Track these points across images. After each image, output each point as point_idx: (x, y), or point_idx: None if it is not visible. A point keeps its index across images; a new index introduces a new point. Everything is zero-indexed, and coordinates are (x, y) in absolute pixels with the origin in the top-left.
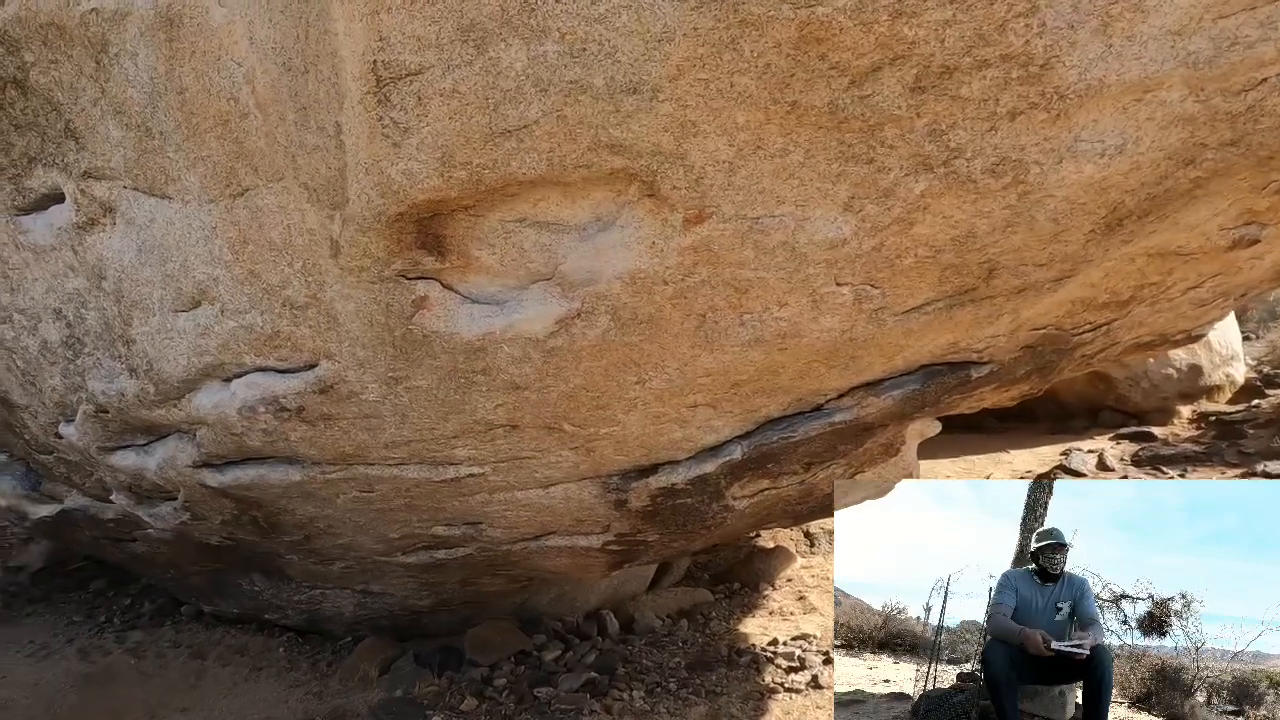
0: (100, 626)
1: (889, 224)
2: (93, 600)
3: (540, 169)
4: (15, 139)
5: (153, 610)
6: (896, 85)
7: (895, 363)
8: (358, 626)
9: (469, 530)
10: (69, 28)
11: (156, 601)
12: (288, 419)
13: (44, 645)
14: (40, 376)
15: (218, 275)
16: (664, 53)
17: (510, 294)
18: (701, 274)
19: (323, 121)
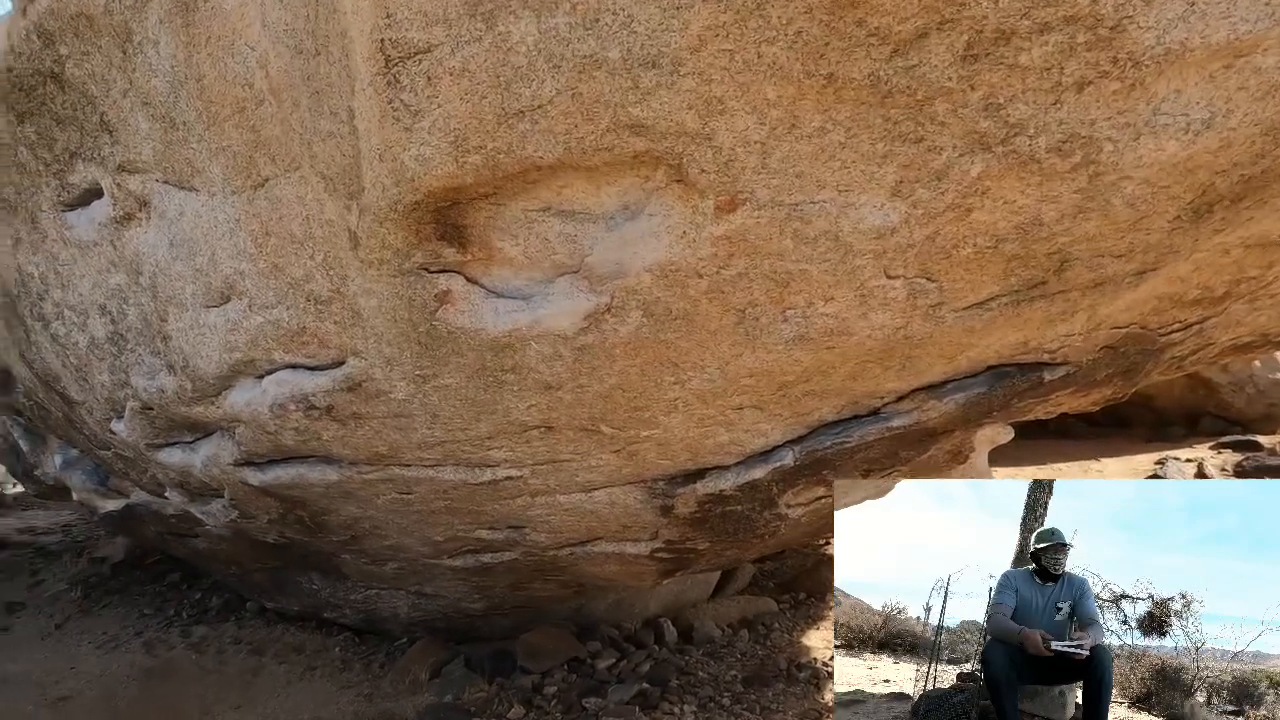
0: (169, 620)
1: (943, 210)
2: (165, 593)
3: (557, 152)
4: (57, 134)
5: (219, 605)
6: (946, 53)
7: (958, 364)
8: (413, 628)
9: (512, 534)
10: (96, 17)
11: (224, 597)
12: (318, 417)
13: (114, 637)
14: (90, 372)
15: (243, 269)
16: (683, 21)
17: (536, 288)
18: (738, 266)
19: (335, 106)
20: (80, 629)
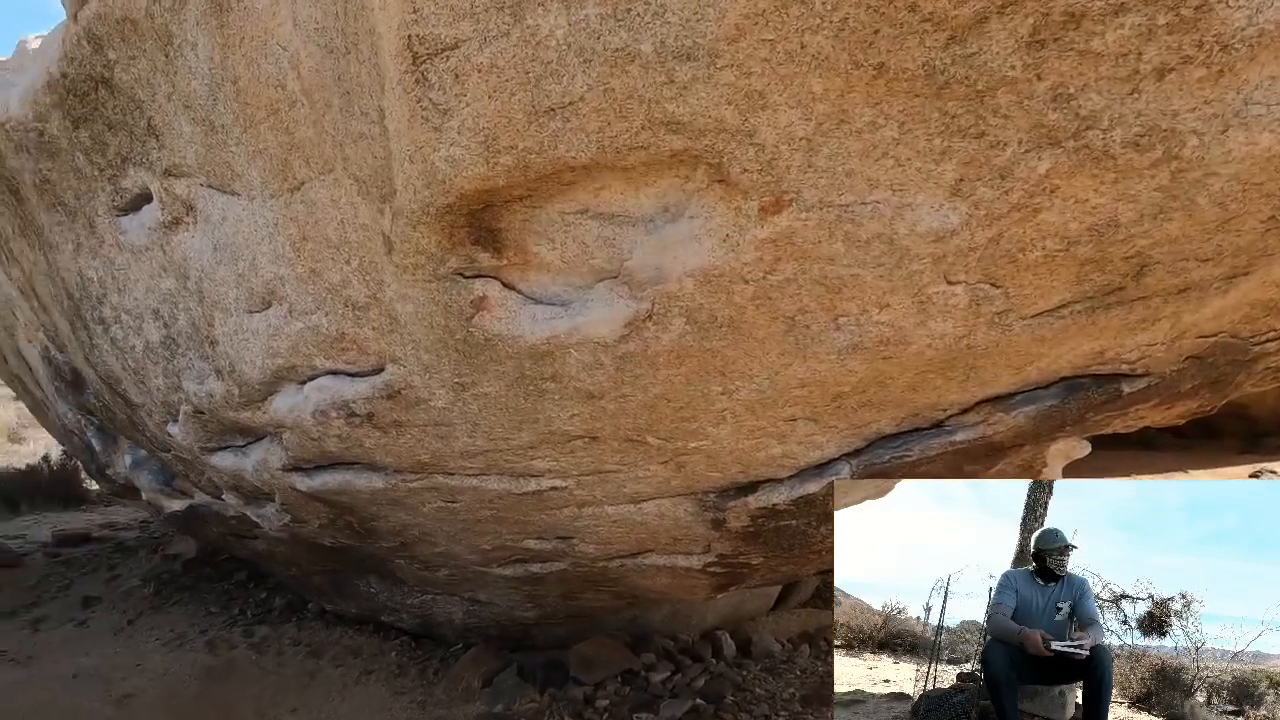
0: (233, 619)
1: (1007, 211)
2: (233, 592)
3: (591, 152)
4: (109, 139)
5: (283, 605)
6: (1008, 40)
7: (1027, 374)
8: (468, 634)
9: (560, 545)
10: (139, 20)
11: (287, 597)
12: (359, 424)
13: (180, 635)
14: (147, 375)
15: (283, 274)
16: (719, 10)
17: (575, 294)
18: (785, 271)
19: (366, 107)
20: (150, 625)
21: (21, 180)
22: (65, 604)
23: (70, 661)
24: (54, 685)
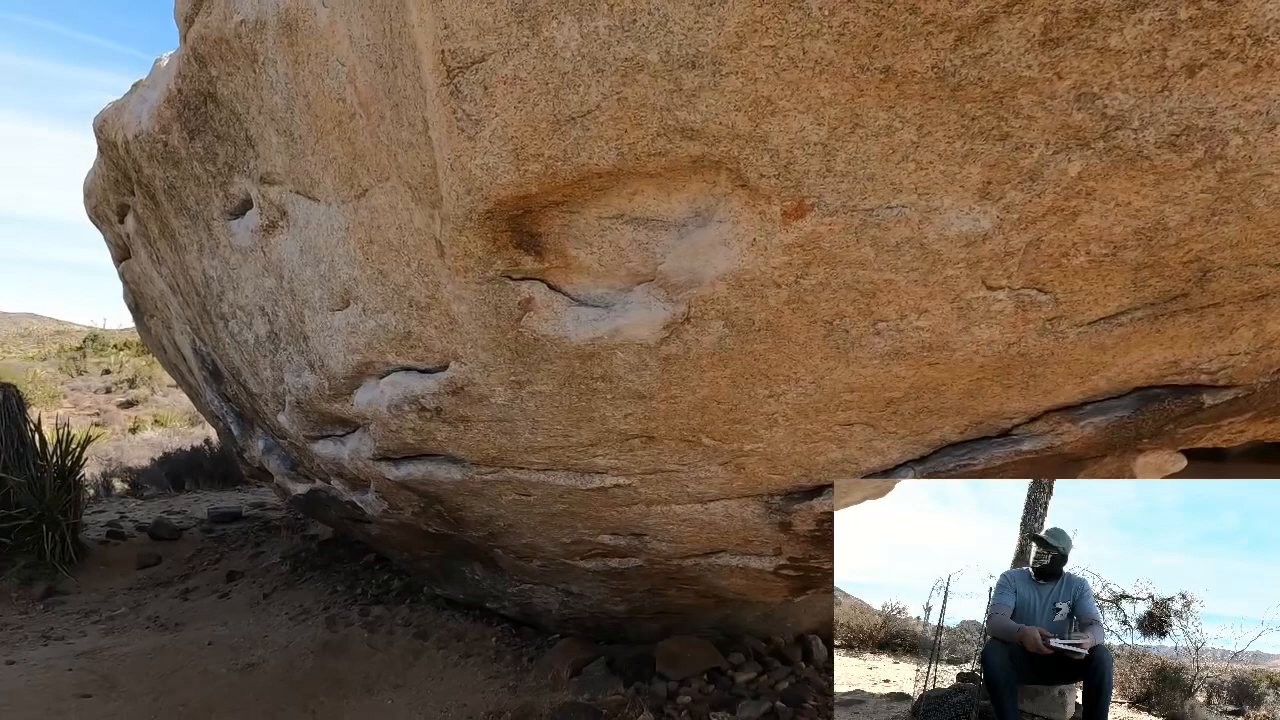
0: (354, 598)
1: (1042, 214)
2: (359, 572)
3: (612, 159)
4: (218, 149)
5: (399, 588)
6: (1020, 39)
7: (1094, 383)
8: (565, 624)
9: (634, 541)
10: (231, 40)
11: (405, 580)
12: (429, 418)
13: (305, 610)
14: (259, 367)
15: (356, 275)
16: (718, 18)
17: (615, 296)
18: (817, 275)
19: (413, 118)
20: (282, 600)
21: (156, 187)
22: (213, 576)
23: (209, 630)
24: (191, 651)
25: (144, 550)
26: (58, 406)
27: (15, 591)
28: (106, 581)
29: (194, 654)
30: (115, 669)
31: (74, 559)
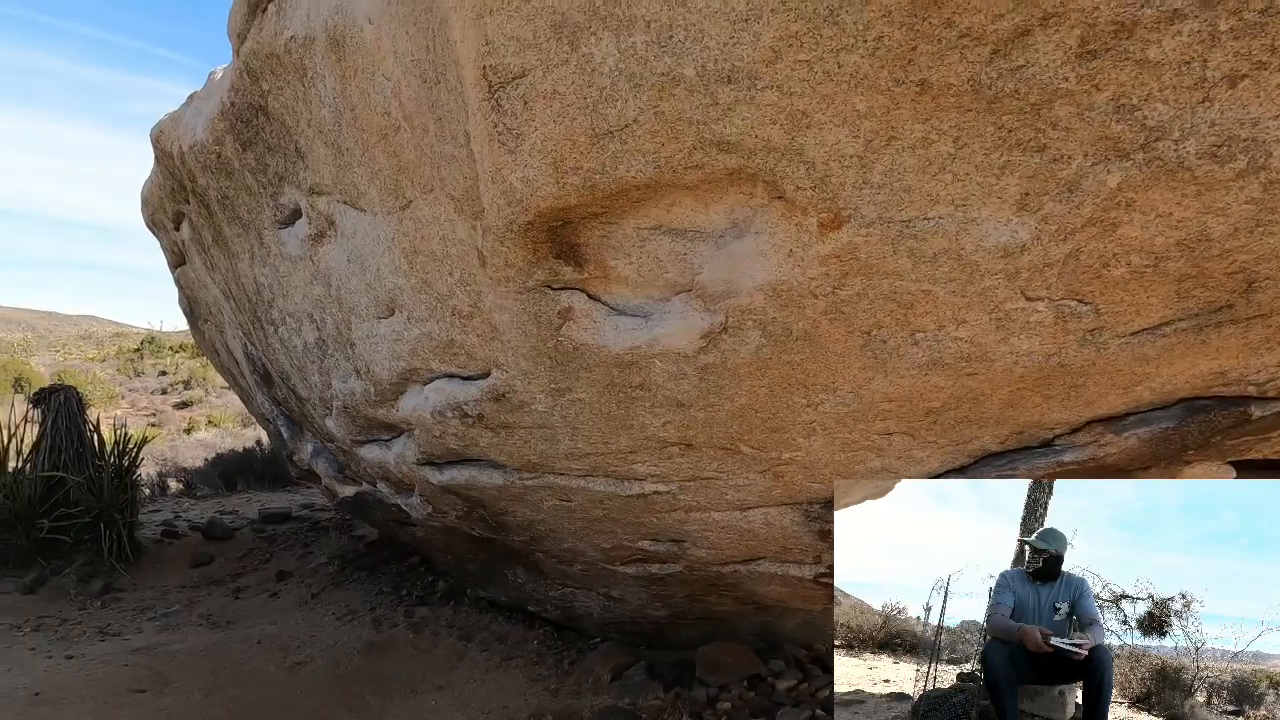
0: (400, 599)
1: (1081, 225)
2: (405, 574)
3: (649, 172)
4: (269, 160)
5: (444, 590)
6: (1056, 51)
7: (1138, 394)
8: (607, 628)
9: (673, 548)
10: (281, 56)
11: (449, 582)
12: (472, 425)
13: (352, 611)
14: (308, 373)
15: (400, 285)
16: (753, 33)
17: (654, 306)
18: (854, 286)
19: (455, 131)
20: (330, 600)
21: (209, 197)
22: (263, 576)
23: (258, 628)
24: (241, 649)
25: (197, 549)
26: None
27: (74, 588)
28: (161, 579)
29: (244, 652)
30: (168, 665)
31: (130, 557)
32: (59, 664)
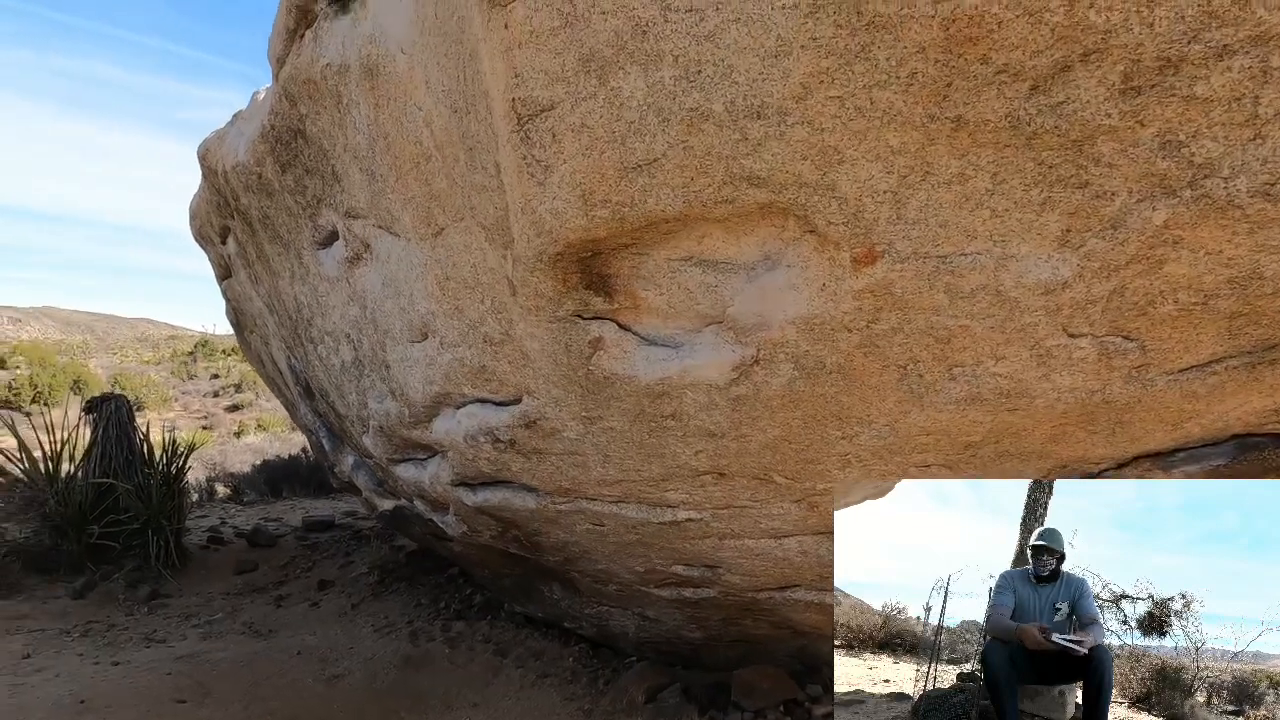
0: (438, 612)
1: (1126, 263)
2: (443, 585)
3: (679, 206)
4: (307, 182)
5: (481, 603)
6: (1098, 87)
7: (1187, 430)
8: (642, 647)
9: (707, 573)
10: (318, 82)
11: (487, 595)
12: (504, 450)
13: (391, 624)
14: (345, 391)
15: (433, 310)
16: (783, 69)
17: (685, 337)
18: (889, 321)
19: (485, 161)
20: (369, 611)
21: (252, 215)
22: (305, 584)
23: (298, 639)
24: (281, 659)
25: (242, 556)
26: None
27: (122, 593)
28: (206, 585)
29: (284, 663)
30: (210, 675)
31: (177, 563)
32: (105, 670)
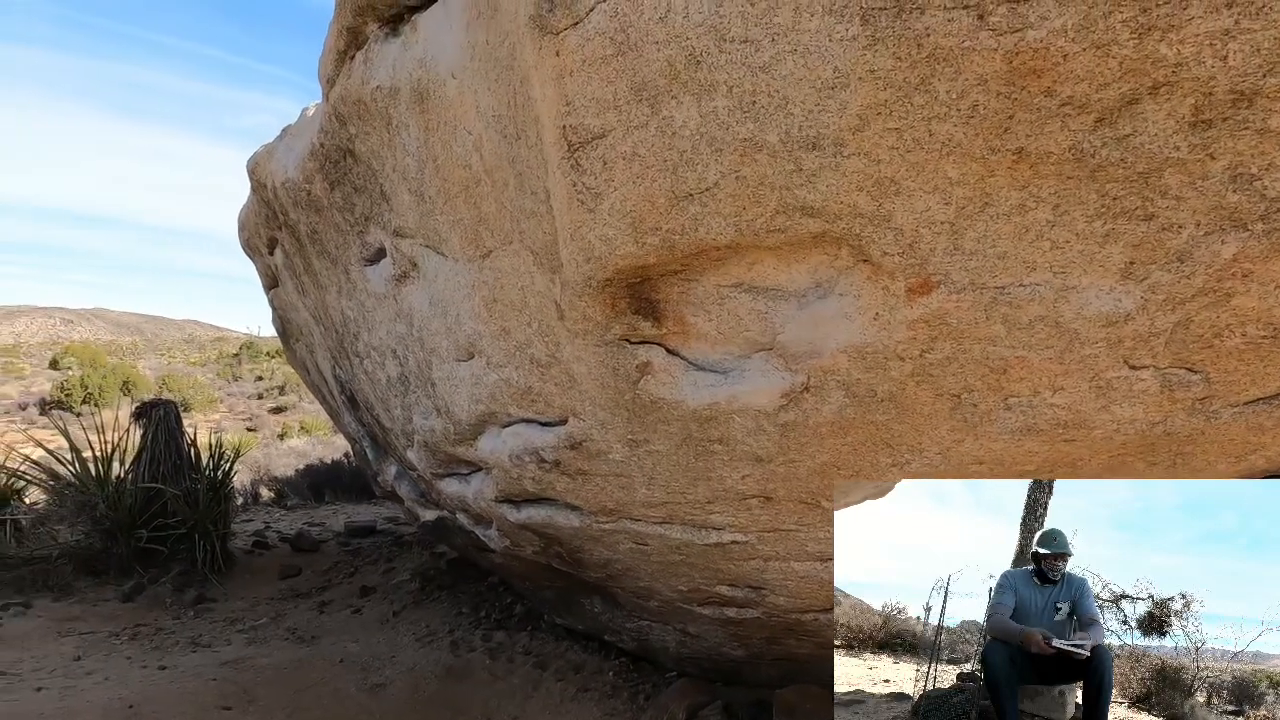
0: (478, 621)
1: (1192, 296)
2: (484, 594)
3: (730, 234)
4: (356, 200)
5: (522, 614)
6: (1167, 120)
7: (1251, 462)
8: (683, 662)
9: (751, 594)
10: (368, 103)
11: (527, 605)
12: (549, 470)
13: (432, 632)
14: (390, 405)
15: (480, 330)
16: (840, 101)
17: (733, 363)
18: (943, 350)
19: (535, 187)
20: (410, 619)
21: (300, 230)
22: (347, 590)
23: (341, 646)
24: (324, 667)
25: (286, 561)
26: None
27: (169, 597)
28: (251, 590)
29: (326, 670)
30: (254, 681)
31: (222, 567)
32: (152, 675)
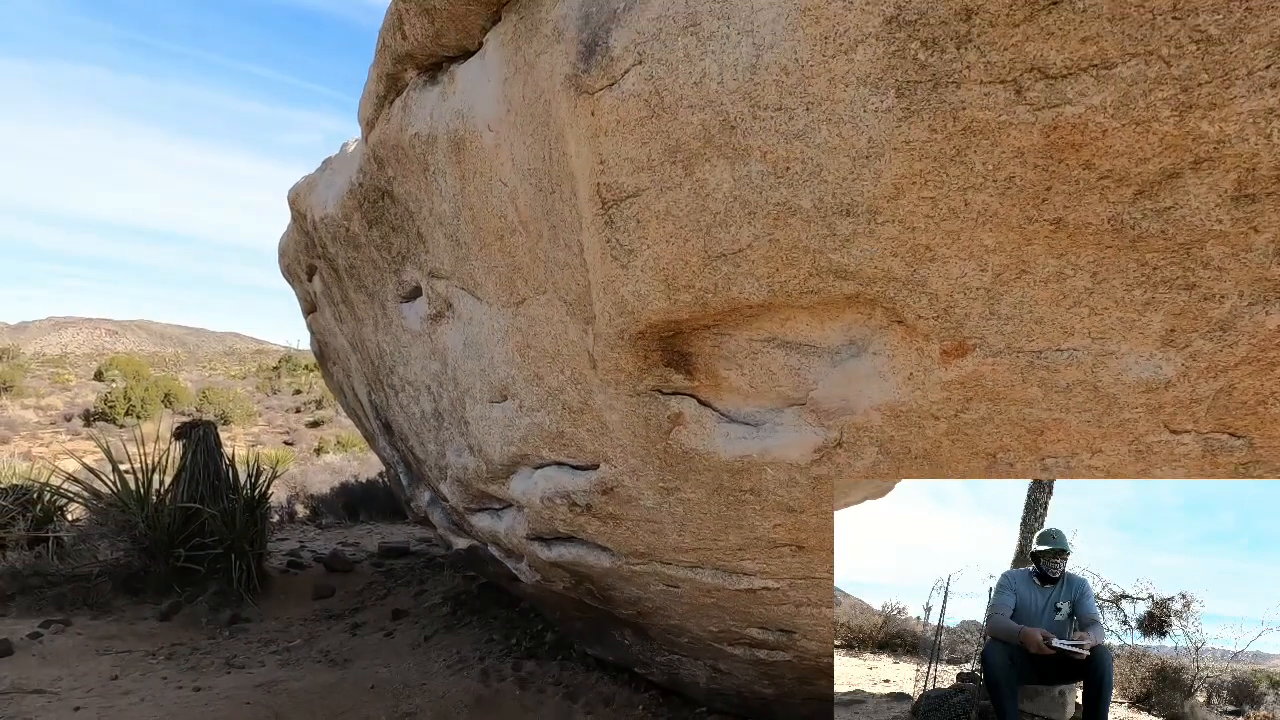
0: (509, 649)
1: (1235, 364)
2: (515, 620)
3: (763, 294)
4: (393, 239)
5: (552, 642)
6: (1209, 194)
7: None
8: (713, 698)
9: (782, 638)
10: (405, 149)
11: (558, 633)
12: (580, 513)
13: (462, 659)
14: (424, 438)
15: (513, 374)
16: (874, 170)
17: (766, 416)
18: (979, 411)
19: (569, 240)
20: (441, 645)
21: (338, 264)
22: (380, 612)
23: (372, 671)
24: (355, 693)
25: (319, 581)
26: (254, 424)
27: (205, 616)
28: (285, 610)
29: (357, 696)
30: (287, 705)
31: (258, 587)
32: (187, 696)
